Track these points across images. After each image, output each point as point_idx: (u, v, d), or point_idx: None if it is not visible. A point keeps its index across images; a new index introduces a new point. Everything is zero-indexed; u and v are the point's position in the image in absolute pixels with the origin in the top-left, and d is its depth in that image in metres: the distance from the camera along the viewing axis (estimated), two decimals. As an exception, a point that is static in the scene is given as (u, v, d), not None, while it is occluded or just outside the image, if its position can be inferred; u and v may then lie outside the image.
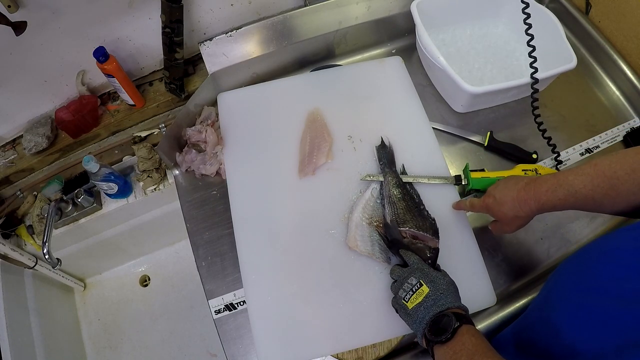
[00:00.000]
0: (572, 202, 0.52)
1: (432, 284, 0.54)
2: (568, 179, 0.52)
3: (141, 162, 0.91)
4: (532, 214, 0.57)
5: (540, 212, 0.56)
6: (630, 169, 0.47)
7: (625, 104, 0.90)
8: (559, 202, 0.53)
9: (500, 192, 0.60)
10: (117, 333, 1.24)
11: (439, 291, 0.54)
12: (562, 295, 0.47)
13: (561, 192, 0.52)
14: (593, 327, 0.41)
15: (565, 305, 0.46)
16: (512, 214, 0.58)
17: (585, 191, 0.50)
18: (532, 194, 0.55)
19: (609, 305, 0.40)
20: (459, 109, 0.87)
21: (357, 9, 0.90)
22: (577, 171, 0.52)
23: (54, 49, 0.78)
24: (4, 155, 0.91)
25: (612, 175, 0.48)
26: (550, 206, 0.54)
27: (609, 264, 0.42)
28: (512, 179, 0.61)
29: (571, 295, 0.45)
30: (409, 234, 0.64)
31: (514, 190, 0.58)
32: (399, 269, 0.60)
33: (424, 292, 0.54)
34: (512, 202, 0.57)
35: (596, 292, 0.42)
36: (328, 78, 0.89)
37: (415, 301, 0.54)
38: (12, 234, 0.95)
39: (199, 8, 0.82)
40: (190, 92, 0.91)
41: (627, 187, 0.47)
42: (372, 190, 0.73)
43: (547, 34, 0.81)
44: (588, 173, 0.50)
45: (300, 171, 0.77)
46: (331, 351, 0.64)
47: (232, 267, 0.73)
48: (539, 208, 0.55)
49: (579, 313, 0.43)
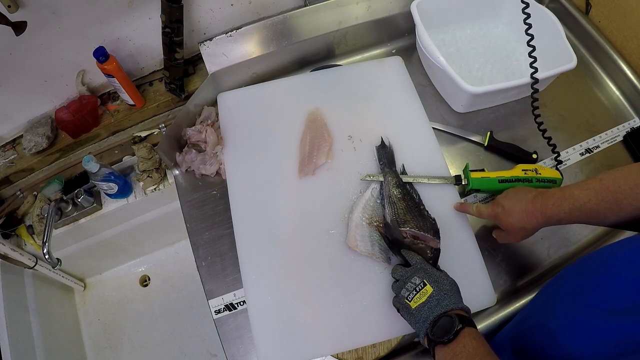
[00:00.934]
0: (577, 215, 0.53)
1: (436, 284, 0.55)
2: (574, 193, 0.53)
3: (141, 162, 0.91)
4: (539, 227, 0.58)
5: (546, 225, 0.57)
6: (634, 184, 0.48)
7: (625, 104, 0.90)
8: (564, 215, 0.54)
9: (509, 202, 0.61)
10: (117, 333, 1.24)
11: (443, 291, 0.54)
12: (561, 304, 0.48)
13: (567, 206, 0.53)
14: (589, 338, 0.41)
15: (563, 314, 0.46)
16: (520, 225, 0.59)
17: (590, 205, 0.51)
18: (539, 207, 0.56)
19: (606, 316, 0.40)
20: (459, 109, 0.87)
21: (357, 9, 0.90)
22: (582, 185, 0.53)
23: (54, 49, 0.78)
24: (4, 155, 0.91)
25: (616, 189, 0.50)
26: (556, 220, 0.55)
27: (607, 274, 0.43)
28: (521, 190, 0.61)
29: (569, 305, 0.46)
30: (409, 234, 0.64)
31: (523, 202, 0.58)
32: (401, 268, 0.60)
33: (427, 292, 0.54)
34: (520, 214, 0.58)
35: (593, 303, 0.42)
36: (328, 78, 0.89)
37: (418, 301, 0.54)
38: (12, 234, 0.95)
39: (199, 8, 0.82)
40: (190, 92, 0.91)
41: (630, 202, 0.48)
42: (372, 190, 0.73)
43: (547, 34, 0.81)
44: (593, 187, 0.52)
45: (300, 171, 0.77)
46: (331, 351, 0.64)
47: (232, 267, 0.73)
48: (545, 221, 0.56)
49: (576, 323, 0.44)
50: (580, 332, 0.43)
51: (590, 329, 0.42)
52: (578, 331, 0.43)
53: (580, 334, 0.43)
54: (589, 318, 0.42)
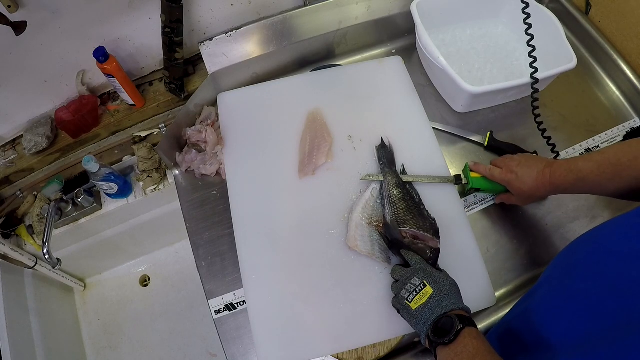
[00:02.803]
0: (580, 186, 0.58)
1: (436, 285, 0.55)
2: (578, 165, 0.58)
3: (141, 162, 0.91)
4: (547, 195, 0.64)
5: (553, 194, 0.63)
6: (633, 157, 0.53)
7: (625, 104, 0.90)
8: (569, 186, 0.59)
9: (522, 170, 0.65)
10: (117, 333, 1.24)
11: (443, 292, 0.54)
12: (546, 284, 0.49)
13: (572, 177, 0.59)
14: (573, 314, 0.41)
15: (547, 293, 0.47)
16: (530, 193, 0.64)
17: (593, 177, 0.56)
18: (549, 177, 0.61)
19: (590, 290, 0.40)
20: (459, 109, 0.87)
21: (357, 9, 0.90)
22: (587, 158, 0.58)
23: (54, 49, 0.78)
24: (4, 155, 0.91)
25: (616, 162, 0.54)
26: (562, 189, 0.61)
27: (592, 250, 0.43)
28: (531, 159, 0.66)
29: (554, 283, 0.47)
30: (409, 234, 0.64)
31: (534, 171, 0.63)
32: (400, 269, 0.60)
33: (427, 292, 0.54)
34: (533, 183, 0.63)
35: (578, 278, 0.43)
36: (328, 78, 0.89)
37: (419, 302, 0.54)
38: (12, 234, 0.95)
39: (199, 8, 0.82)
40: (190, 92, 0.91)
41: (629, 173, 0.53)
42: (372, 190, 0.73)
43: (547, 34, 0.81)
44: (596, 160, 0.56)
45: (300, 171, 0.77)
46: (331, 351, 0.65)
47: (232, 267, 0.73)
48: (553, 190, 0.62)
49: (558, 299, 0.44)
50: (563, 307, 0.44)
51: (562, 310, 0.43)
52: (562, 307, 0.44)
53: (564, 309, 0.44)
54: (575, 292, 0.43)
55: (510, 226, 0.76)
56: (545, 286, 0.49)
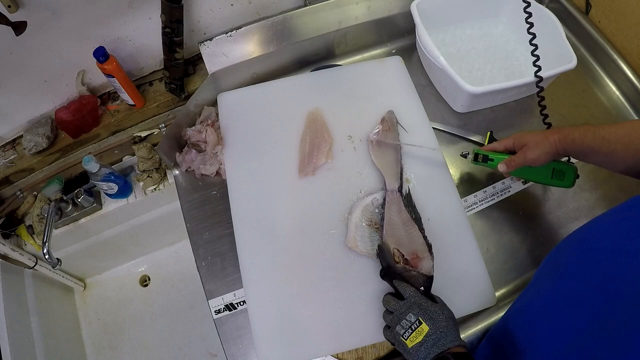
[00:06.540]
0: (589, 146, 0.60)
1: (432, 322, 0.53)
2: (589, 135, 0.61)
3: (141, 162, 0.91)
4: (557, 144, 0.63)
5: (564, 145, 0.63)
6: (624, 134, 0.56)
7: (625, 104, 0.90)
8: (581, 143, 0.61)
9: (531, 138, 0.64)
10: (117, 333, 1.24)
11: (439, 329, 0.52)
12: (536, 284, 0.48)
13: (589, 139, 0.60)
14: (562, 313, 0.41)
15: (536, 292, 0.47)
16: (539, 138, 0.63)
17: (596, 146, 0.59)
18: (557, 133, 0.62)
19: (578, 289, 0.40)
20: (459, 109, 0.87)
21: (357, 9, 0.90)
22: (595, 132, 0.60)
23: (54, 49, 0.78)
24: (4, 155, 0.91)
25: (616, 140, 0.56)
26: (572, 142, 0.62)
27: (579, 249, 0.44)
28: (538, 134, 0.64)
29: (544, 282, 0.47)
30: (401, 256, 0.63)
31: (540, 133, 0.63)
32: (394, 301, 0.58)
33: (423, 330, 0.52)
34: (540, 134, 0.63)
35: (566, 276, 0.43)
36: (328, 78, 0.89)
37: (415, 340, 0.53)
38: (12, 234, 0.95)
39: (199, 8, 0.82)
40: (190, 92, 0.91)
41: (621, 155, 0.56)
42: (372, 199, 0.73)
43: (547, 34, 0.81)
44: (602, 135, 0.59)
45: (300, 171, 0.77)
46: (331, 351, 0.65)
47: (232, 267, 0.73)
48: (562, 139, 0.62)
49: (548, 299, 0.44)
50: (542, 312, 0.44)
51: (552, 309, 0.43)
52: (540, 311, 0.44)
53: (542, 313, 0.44)
54: (551, 299, 0.43)
55: (510, 226, 0.76)
56: (535, 285, 0.48)
